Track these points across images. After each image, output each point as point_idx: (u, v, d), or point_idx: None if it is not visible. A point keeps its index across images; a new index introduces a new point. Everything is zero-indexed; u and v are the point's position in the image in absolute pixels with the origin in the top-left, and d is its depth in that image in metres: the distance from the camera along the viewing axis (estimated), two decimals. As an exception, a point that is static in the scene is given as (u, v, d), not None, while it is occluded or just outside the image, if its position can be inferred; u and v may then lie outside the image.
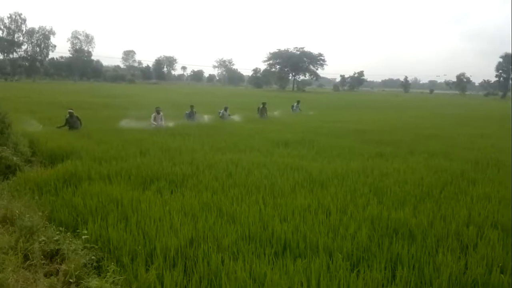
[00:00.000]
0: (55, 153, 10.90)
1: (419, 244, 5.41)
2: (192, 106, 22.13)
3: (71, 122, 16.18)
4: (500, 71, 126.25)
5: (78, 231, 5.47)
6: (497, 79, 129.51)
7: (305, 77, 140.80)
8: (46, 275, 4.42)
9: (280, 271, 4.62)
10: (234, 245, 5.25)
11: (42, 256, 4.66)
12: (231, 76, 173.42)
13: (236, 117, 23.88)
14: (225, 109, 23.72)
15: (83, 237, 5.13)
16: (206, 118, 22.90)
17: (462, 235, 5.80)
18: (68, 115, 16.34)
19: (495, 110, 46.16)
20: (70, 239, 5.10)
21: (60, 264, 4.60)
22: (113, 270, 4.45)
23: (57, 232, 5.29)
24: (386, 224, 6.11)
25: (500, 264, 4.84)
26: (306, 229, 5.74)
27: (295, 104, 31.66)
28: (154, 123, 18.14)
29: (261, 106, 25.82)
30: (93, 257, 4.73)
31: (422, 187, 8.32)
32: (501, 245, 5.42)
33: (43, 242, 4.93)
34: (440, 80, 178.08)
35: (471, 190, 8.23)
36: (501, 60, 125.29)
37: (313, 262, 4.79)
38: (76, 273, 4.33)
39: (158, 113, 18.59)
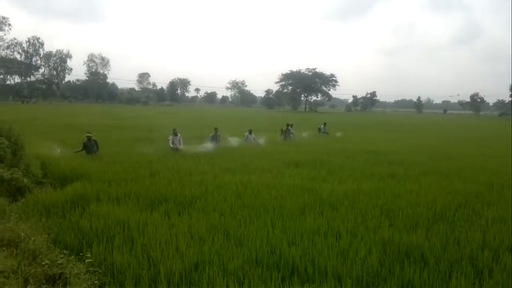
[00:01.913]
0: (66, 175, 10.93)
1: (431, 269, 5.23)
2: (216, 129, 21.00)
3: (89, 147, 15.24)
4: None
5: (82, 254, 5.40)
6: (511, 99, 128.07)
7: (317, 97, 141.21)
8: (47, 300, 4.34)
9: (286, 297, 4.48)
10: (240, 270, 5.13)
11: (44, 281, 4.58)
12: (243, 97, 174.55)
13: (261, 141, 22.58)
14: (250, 132, 22.48)
15: (86, 260, 5.06)
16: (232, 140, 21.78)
17: (477, 259, 5.60)
18: (85, 139, 15.38)
19: (509, 131, 45.47)
20: (74, 263, 5.03)
21: (62, 289, 4.52)
22: (115, 295, 4.36)
23: (61, 256, 5.22)
24: (397, 247, 5.94)
25: (517, 291, 4.64)
26: (315, 253, 5.61)
27: (322, 126, 30.26)
28: (171, 145, 17.49)
29: (285, 128, 24.67)
30: (95, 282, 4.65)
31: (435, 209, 8.12)
32: (518, 271, 5.21)
33: (46, 265, 4.86)
34: (454, 100, 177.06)
35: (486, 213, 8.00)
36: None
37: (321, 288, 4.64)
38: (78, 298, 4.25)
39: (175, 135, 17.79)
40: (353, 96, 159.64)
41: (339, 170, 12.87)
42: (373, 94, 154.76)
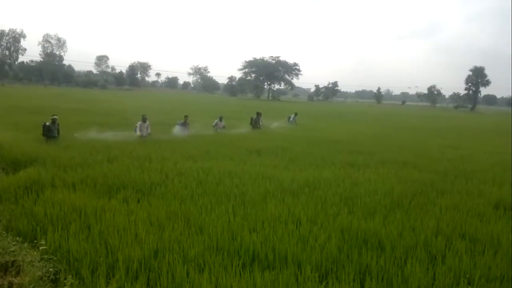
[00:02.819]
0: (19, 160, 10.45)
1: (388, 255, 5.37)
2: (186, 116, 19.94)
3: (52, 130, 14.16)
4: (469, 84, 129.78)
5: (36, 241, 5.20)
6: (466, 92, 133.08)
7: (280, 86, 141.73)
8: (-2, 289, 4.15)
9: (247, 284, 4.48)
10: (201, 257, 5.08)
11: (-6, 269, 4.38)
12: (206, 83, 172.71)
13: (242, 130, 21.68)
14: (220, 119, 21.61)
15: (40, 248, 4.87)
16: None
17: (431, 245, 5.80)
18: (49, 122, 14.27)
19: (464, 122, 47.37)
20: (27, 250, 4.84)
21: (15, 277, 4.34)
22: (71, 283, 4.23)
23: (14, 243, 5.01)
24: (356, 234, 6.05)
25: (468, 276, 4.84)
26: (275, 240, 5.63)
27: (292, 116, 29.31)
28: (138, 132, 16.53)
29: (255, 116, 23.98)
30: (50, 269, 4.48)
31: (392, 197, 8.35)
32: (469, 256, 5.44)
33: (-3, 253, 4.66)
34: (412, 92, 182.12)
35: (440, 201, 8.30)
36: (470, 73, 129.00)
37: (281, 274, 4.68)
38: (31, 287, 4.09)
39: (144, 121, 16.86)
40: (315, 86, 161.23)
41: (301, 158, 13.00)
42: (335, 84, 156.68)
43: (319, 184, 9.13)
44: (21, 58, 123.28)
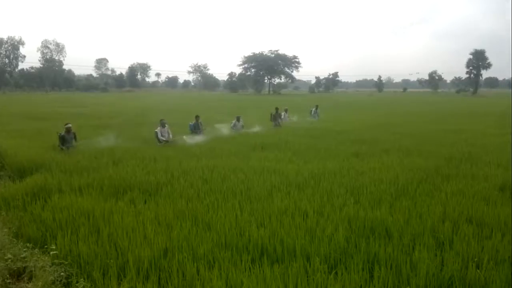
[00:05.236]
0: (24, 166, 10.50)
1: (395, 243, 5.39)
2: (197, 117, 18.33)
3: (68, 140, 13.55)
4: (471, 67, 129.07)
5: (46, 247, 5.26)
6: (467, 75, 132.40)
7: (281, 80, 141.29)
8: (12, 295, 4.22)
9: (257, 278, 4.52)
10: (210, 254, 5.12)
11: (7, 275, 4.44)
12: (206, 81, 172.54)
13: (257, 129, 20.08)
14: (238, 119, 19.94)
15: (51, 253, 4.93)
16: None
17: (438, 231, 5.82)
18: (64, 131, 13.67)
19: (466, 106, 47.20)
20: (38, 256, 4.90)
21: (28, 283, 4.40)
22: (83, 286, 4.28)
23: (25, 249, 5.07)
24: (363, 224, 6.08)
25: (476, 259, 4.86)
26: (283, 233, 5.66)
27: (313, 109, 28.19)
28: (160, 137, 15.21)
29: (274, 112, 22.46)
30: (62, 274, 4.54)
31: (397, 185, 8.36)
32: (476, 240, 5.45)
33: (10, 260, 4.72)
34: (413, 78, 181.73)
35: (446, 186, 8.31)
36: (471, 57, 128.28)
37: (291, 267, 4.71)
38: (44, 291, 4.15)
39: (163, 126, 15.60)
40: (316, 78, 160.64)
41: (304, 150, 13.02)
42: (335, 75, 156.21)
43: (324, 176, 9.15)
44: (21, 65, 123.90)
